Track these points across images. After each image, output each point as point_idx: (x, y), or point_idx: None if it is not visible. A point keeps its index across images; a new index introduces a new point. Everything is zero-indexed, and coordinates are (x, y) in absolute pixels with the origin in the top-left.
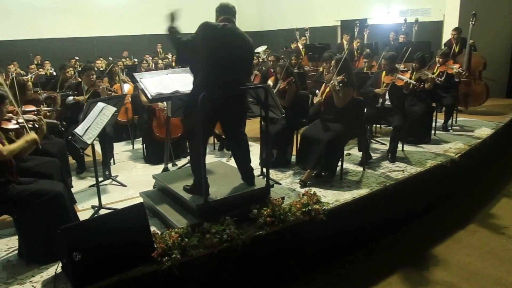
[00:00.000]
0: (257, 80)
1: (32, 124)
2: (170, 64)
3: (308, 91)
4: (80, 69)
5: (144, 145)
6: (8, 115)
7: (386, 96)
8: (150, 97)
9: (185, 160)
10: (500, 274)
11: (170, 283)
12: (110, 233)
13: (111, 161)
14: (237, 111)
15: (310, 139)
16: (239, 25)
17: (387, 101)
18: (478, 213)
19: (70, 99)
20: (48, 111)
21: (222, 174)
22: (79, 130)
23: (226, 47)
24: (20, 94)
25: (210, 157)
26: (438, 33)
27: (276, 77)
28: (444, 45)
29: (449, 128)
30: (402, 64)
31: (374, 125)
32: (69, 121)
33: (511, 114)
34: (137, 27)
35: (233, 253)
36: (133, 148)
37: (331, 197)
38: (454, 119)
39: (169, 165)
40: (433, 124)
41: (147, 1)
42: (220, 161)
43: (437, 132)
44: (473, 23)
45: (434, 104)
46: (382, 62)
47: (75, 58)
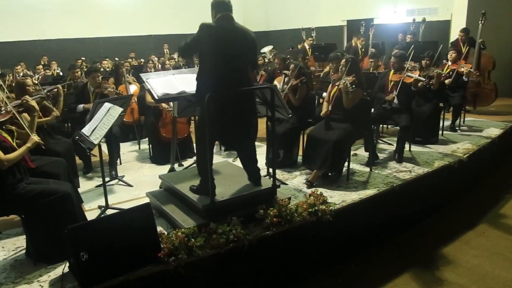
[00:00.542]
0: (263, 80)
1: (20, 107)
2: (179, 65)
3: (315, 92)
4: (86, 70)
5: (151, 146)
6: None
7: (394, 94)
8: (157, 98)
9: (191, 160)
10: (510, 276)
11: (177, 283)
12: (117, 233)
13: (118, 161)
14: (244, 111)
15: (317, 140)
16: (245, 25)
17: (395, 100)
18: (487, 214)
19: (80, 107)
20: (40, 101)
21: (228, 175)
22: (86, 131)
23: (228, 48)
24: (22, 93)
25: (216, 158)
26: (446, 33)
27: (287, 75)
28: (451, 45)
29: (457, 128)
30: (410, 62)
31: (381, 125)
32: (76, 122)
33: None
34: (143, 28)
35: (240, 254)
36: (140, 149)
37: (338, 198)
38: (462, 119)
39: (175, 166)
40: (441, 124)
41: (153, 2)
42: (226, 161)
43: (445, 132)
44: (482, 23)
45: (442, 104)
46: (392, 60)
47: (82, 59)
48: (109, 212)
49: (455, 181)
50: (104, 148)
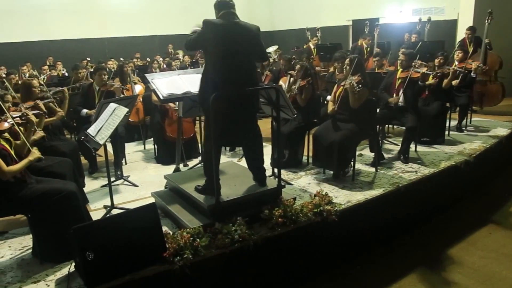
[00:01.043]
0: (268, 80)
1: (20, 118)
2: (185, 66)
3: (320, 93)
4: (93, 70)
5: (156, 146)
6: (1, 117)
7: (400, 93)
8: (162, 98)
9: (197, 161)
10: None
11: (182, 283)
12: (123, 233)
13: (123, 161)
14: (249, 110)
15: (323, 140)
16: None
17: (401, 99)
18: (494, 215)
19: (84, 113)
20: (45, 103)
21: (234, 175)
22: (92, 131)
23: (230, 43)
24: (28, 94)
25: (222, 158)
26: (453, 32)
27: (292, 75)
28: (458, 45)
29: (464, 129)
30: (418, 61)
31: (387, 125)
32: (82, 122)
33: None
34: (148, 28)
35: (245, 254)
36: (145, 149)
37: (343, 198)
38: (469, 119)
39: (181, 166)
40: (447, 124)
41: (158, 2)
42: (232, 162)
43: (451, 133)
44: (489, 22)
45: (448, 104)
46: (401, 58)
47: (87, 59)
48: (115, 212)
49: (462, 182)
50: (110, 148)
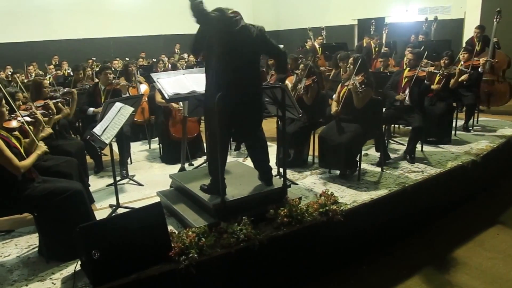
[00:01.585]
0: (274, 80)
1: (29, 117)
2: (191, 65)
3: (325, 92)
4: (98, 70)
5: (161, 145)
6: (12, 115)
7: (406, 91)
8: (167, 97)
9: (202, 160)
10: None
11: (187, 282)
12: (128, 232)
13: (128, 161)
14: (255, 110)
15: (328, 141)
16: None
17: (407, 98)
18: (501, 215)
19: (90, 111)
20: (55, 104)
21: (239, 174)
22: (97, 130)
23: (231, 44)
24: (38, 93)
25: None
26: (459, 31)
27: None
28: (466, 43)
29: (470, 128)
30: (425, 60)
31: (393, 125)
32: (87, 121)
33: None
34: (153, 28)
35: (250, 253)
36: (150, 148)
37: (349, 198)
38: (476, 119)
39: (186, 165)
40: (454, 124)
41: (163, 2)
42: (237, 161)
43: (458, 133)
44: (498, 21)
45: (455, 104)
46: (408, 57)
47: (92, 59)
48: (120, 211)
49: (469, 182)
50: (115, 148)
